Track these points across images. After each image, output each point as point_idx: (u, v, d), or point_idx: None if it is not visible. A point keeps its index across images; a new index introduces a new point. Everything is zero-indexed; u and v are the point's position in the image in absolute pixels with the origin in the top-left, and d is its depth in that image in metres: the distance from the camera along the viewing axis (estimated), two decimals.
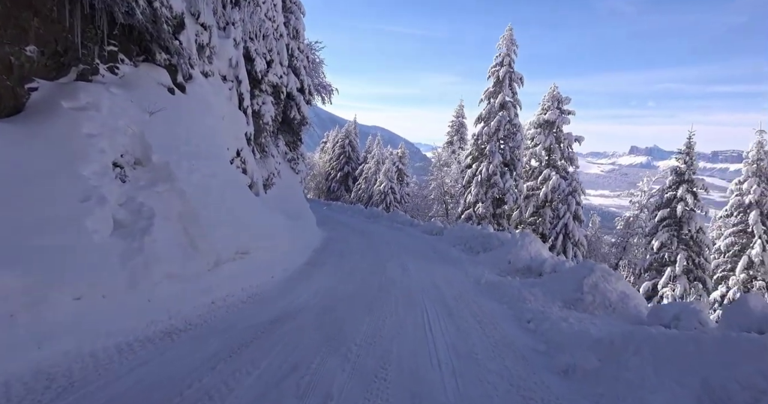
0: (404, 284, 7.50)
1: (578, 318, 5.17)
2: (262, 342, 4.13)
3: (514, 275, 8.59)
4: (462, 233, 13.42)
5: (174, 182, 5.53)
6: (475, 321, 5.33)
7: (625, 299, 5.71)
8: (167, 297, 4.60)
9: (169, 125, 6.27)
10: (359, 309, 5.57)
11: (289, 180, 15.12)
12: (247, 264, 6.61)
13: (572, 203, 19.93)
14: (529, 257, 9.04)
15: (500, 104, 21.40)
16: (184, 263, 5.09)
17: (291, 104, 15.60)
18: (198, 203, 5.77)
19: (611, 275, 5.96)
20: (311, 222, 15.22)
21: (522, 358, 4.09)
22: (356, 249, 11.87)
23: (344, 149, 53.46)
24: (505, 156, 21.63)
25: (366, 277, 7.88)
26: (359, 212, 28.14)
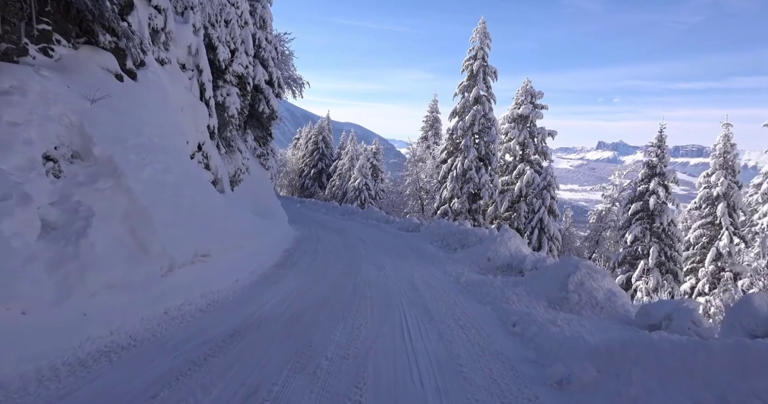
0: (381, 285, 7.06)
1: (566, 320, 4.85)
2: (219, 359, 3.60)
3: (494, 274, 8.27)
4: (439, 230, 13.08)
5: (120, 177, 4.90)
6: (457, 325, 4.93)
7: (612, 297, 5.43)
8: (109, 309, 4.00)
9: (115, 115, 5.60)
10: (332, 316, 5.09)
11: (259, 177, 14.43)
12: (208, 268, 6.03)
13: (547, 198, 19.94)
14: (509, 254, 8.74)
15: (474, 98, 21.18)
16: (131, 269, 4.49)
17: (259, 97, 14.89)
18: (149, 201, 5.15)
19: (597, 272, 5.68)
20: (283, 220, 14.60)
21: (511, 369, 3.71)
22: (330, 248, 11.37)
23: (317, 145, 52.62)
24: (480, 151, 21.46)
25: (340, 278, 7.40)
26: (333, 209, 27.55)
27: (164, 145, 6.51)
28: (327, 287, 6.67)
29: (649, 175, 17.34)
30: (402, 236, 14.54)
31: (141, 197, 5.03)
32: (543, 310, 5.36)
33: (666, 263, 16.23)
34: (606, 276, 5.71)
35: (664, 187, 16.62)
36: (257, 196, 13.54)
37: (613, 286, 5.72)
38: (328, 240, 13.13)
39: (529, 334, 4.40)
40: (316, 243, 12.17)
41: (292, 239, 12.73)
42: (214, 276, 6.02)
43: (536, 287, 5.96)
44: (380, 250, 11.46)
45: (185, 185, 6.50)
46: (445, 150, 22.52)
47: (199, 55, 8.80)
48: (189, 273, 5.48)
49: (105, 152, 4.92)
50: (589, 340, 3.57)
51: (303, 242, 12.10)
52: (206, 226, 6.54)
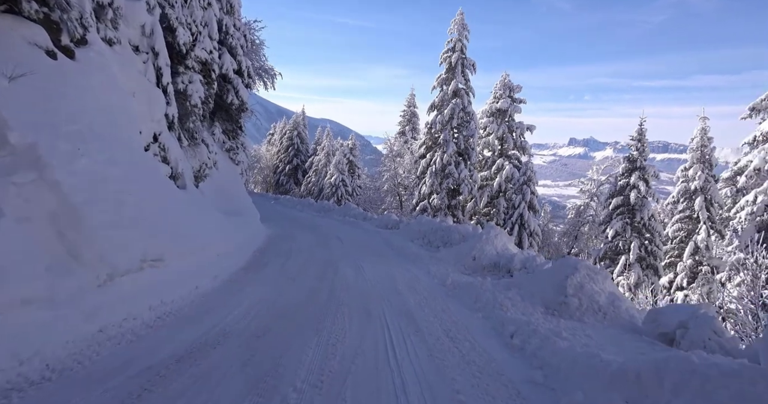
0: (359, 289, 6.40)
1: (569, 329, 4.31)
2: (157, 396, 2.88)
3: (481, 274, 7.72)
4: (420, 227, 12.49)
5: (45, 169, 4.07)
6: (447, 338, 4.32)
7: (615, 301, 4.93)
8: (20, 333, 3.20)
9: (43, 97, 4.73)
10: (303, 330, 4.40)
11: (228, 172, 13.52)
12: (161, 274, 5.23)
13: (527, 193, 19.64)
14: (496, 253, 8.21)
15: (453, 91, 20.66)
16: (56, 280, 3.69)
17: (228, 88, 13.94)
18: (83, 199, 4.34)
19: (597, 273, 5.17)
20: (254, 218, 13.76)
21: (517, 396, 3.11)
22: (304, 248, 10.63)
23: (293, 140, 51.43)
24: (460, 145, 20.99)
25: (314, 283, 6.70)
26: (309, 205, 26.70)
27: (109, 134, 5.65)
28: (300, 293, 5.97)
29: (629, 169, 17.21)
30: (381, 234, 13.91)
31: (72, 194, 4.21)
32: (541, 317, 4.81)
33: (646, 258, 16.15)
34: (607, 278, 5.21)
35: (644, 181, 16.52)
36: (226, 192, 12.65)
37: (615, 289, 5.23)
38: (303, 239, 12.39)
39: (532, 348, 3.82)
40: (290, 242, 11.42)
41: (265, 238, 11.94)
42: (169, 284, 5.24)
43: (531, 290, 5.42)
44: (358, 249, 10.80)
45: (134, 179, 5.67)
46: (424, 145, 21.97)
47: (155, 36, 7.89)
48: (135, 282, 4.69)
49: (25, 139, 4.08)
50: (608, 359, 3.01)
51: (276, 242, 11.33)
52: (160, 226, 5.73)
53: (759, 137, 13.80)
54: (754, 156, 13.67)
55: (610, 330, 4.48)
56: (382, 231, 14.57)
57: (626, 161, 17.45)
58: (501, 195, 23.98)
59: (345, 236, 13.22)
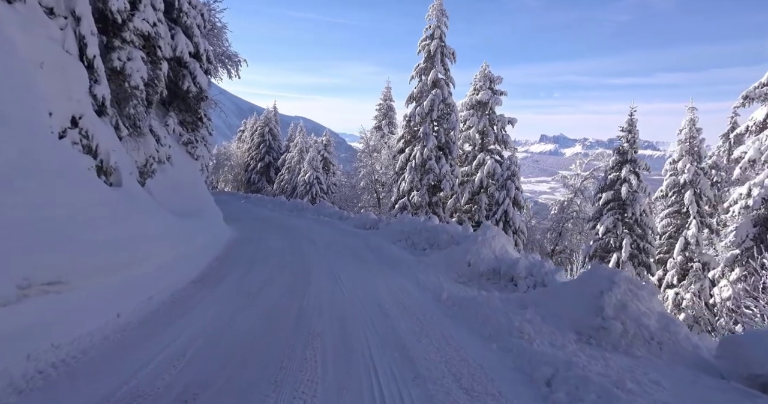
0: (337, 309, 5.10)
1: (625, 369, 3.15)
2: None
3: (480, 283, 6.54)
4: (402, 227, 11.25)
5: None
6: (461, 390, 3.07)
7: (669, 326, 3.79)
8: None
9: None
10: (257, 383, 3.08)
11: (185, 168, 11.94)
12: (60, 303, 3.80)
13: (511, 189, 18.71)
14: (494, 257, 7.04)
15: (433, 81, 19.50)
16: None
17: (183, 73, 12.34)
18: None
19: (641, 289, 4.01)
20: (216, 220, 12.25)
21: None
22: (272, 253, 9.25)
23: (264, 137, 49.49)
24: (440, 139, 19.87)
25: (280, 301, 5.36)
26: (281, 204, 25.15)
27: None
28: (260, 319, 4.63)
29: (619, 162, 16.43)
30: (359, 235, 12.61)
31: None
32: (576, 348, 3.63)
33: (638, 255, 15.44)
34: (654, 295, 4.06)
35: (635, 174, 15.77)
36: (182, 191, 11.10)
37: (664, 309, 4.13)
38: (272, 242, 10.99)
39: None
40: (257, 247, 10.01)
41: (227, 242, 10.49)
42: (73, 316, 3.82)
43: (553, 309, 4.25)
44: (334, 254, 9.47)
45: (27, 174, 4.19)
46: (402, 139, 20.75)
47: None
48: (10, 318, 3.26)
49: None
50: None
51: (240, 246, 9.90)
52: (65, 236, 4.27)
53: (752, 128, 13.16)
54: (748, 147, 13.01)
55: (676, 370, 3.35)
56: (360, 232, 13.26)
57: (616, 153, 16.67)
58: (483, 191, 23.04)
59: (319, 238, 11.86)
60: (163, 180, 10.35)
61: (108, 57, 7.41)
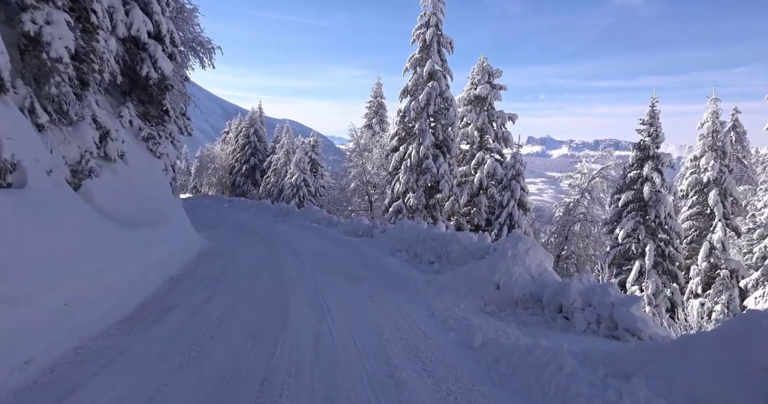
0: (323, 367, 3.37)
1: None
2: None
3: (518, 316, 4.87)
4: (401, 234, 9.55)
5: None
6: None
7: None
8: None
9: None
10: None
11: (144, 168, 10.09)
12: None
13: (517, 189, 17.11)
14: (531, 278, 5.37)
15: (429, 72, 17.85)
16: None
17: (141, 56, 10.52)
18: None
19: None
20: (183, 228, 10.43)
21: None
22: (245, 270, 7.48)
23: (249, 138, 47.51)
24: (437, 136, 18.22)
25: (239, 356, 3.61)
26: (265, 208, 23.31)
27: None
28: (209, 379, 2.88)
29: (640, 159, 14.85)
30: (351, 244, 10.86)
31: None
32: None
33: (663, 263, 13.89)
34: None
35: (658, 172, 14.20)
36: (138, 194, 9.26)
37: None
38: (247, 255, 9.23)
39: None
40: (228, 261, 8.23)
41: (193, 256, 8.72)
42: None
43: (678, 380, 2.59)
44: (322, 270, 7.72)
45: None
46: (396, 136, 19.05)
47: None
48: None
49: None
50: None
51: (207, 262, 8.12)
52: None
53: None
54: None
55: None
56: (351, 240, 11.51)
57: (636, 149, 15.10)
58: (482, 193, 21.47)
59: (304, 249, 10.10)
60: (112, 182, 8.50)
61: (18, 18, 5.60)
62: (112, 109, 10.07)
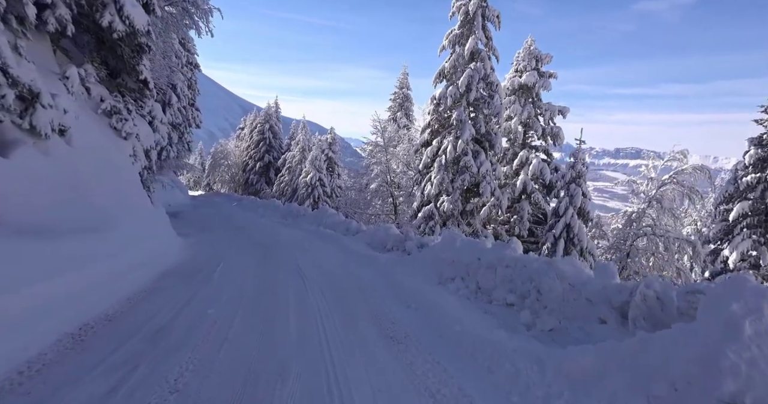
0: None
1: None
2: None
3: None
4: (453, 255, 6.58)
5: None
6: None
7: None
8: None
9: None
10: None
11: (97, 150, 7.36)
12: None
13: (577, 195, 13.99)
14: None
15: (471, 52, 14.87)
16: None
17: (102, 1, 7.81)
18: None
19: None
20: (148, 234, 7.67)
21: None
22: (218, 308, 4.61)
23: (264, 135, 45.15)
24: (479, 128, 15.20)
25: None
26: (274, 209, 20.62)
27: None
28: None
29: (761, 159, 11.56)
30: (377, 264, 7.91)
31: None
32: None
33: None
34: None
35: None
36: (78, 186, 6.50)
37: None
38: (232, 276, 6.40)
39: None
40: (196, 290, 5.39)
41: (150, 276, 5.91)
42: None
43: None
44: (337, 310, 4.81)
45: None
46: (429, 128, 16.08)
47: None
48: None
49: None
50: None
51: (165, 290, 5.29)
52: None
53: None
54: None
55: None
56: (378, 257, 8.57)
57: (754, 146, 11.79)
58: (524, 198, 18.36)
59: (314, 268, 7.23)
60: (34, 166, 5.76)
61: None
62: (57, 68, 7.36)
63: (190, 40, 30.14)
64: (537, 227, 19.19)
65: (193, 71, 30.06)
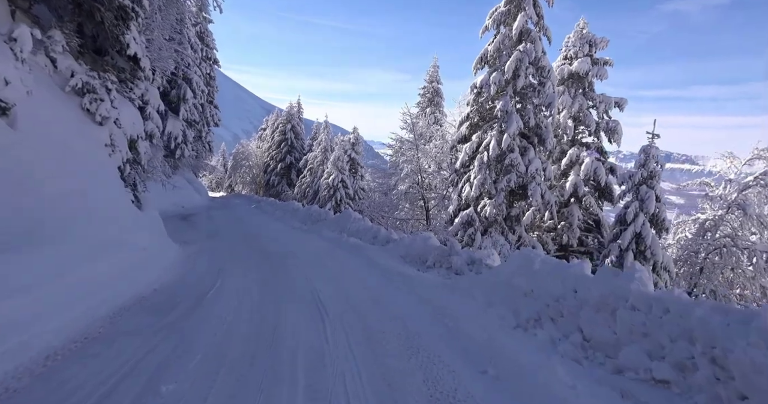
0: None
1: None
2: None
3: None
4: (536, 283, 4.56)
5: None
6: None
7: None
8: None
9: None
10: None
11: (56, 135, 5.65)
12: None
13: (650, 199, 11.69)
14: None
15: (519, 32, 12.76)
16: None
17: None
18: None
19: None
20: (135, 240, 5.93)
21: None
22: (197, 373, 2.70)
23: (286, 135, 43.81)
24: (527, 120, 13.07)
25: None
26: (293, 212, 18.91)
27: None
28: None
29: None
30: (420, 289, 5.91)
31: None
32: None
33: None
34: None
35: None
36: (24, 183, 4.75)
37: None
38: (228, 307, 4.44)
39: None
40: (171, 334, 3.44)
41: (108, 311, 4.03)
42: None
43: None
44: (374, 378, 2.86)
45: None
46: (468, 121, 14.02)
47: None
48: None
49: None
50: None
51: (130, 329, 3.40)
52: None
53: None
54: None
55: None
56: (421, 279, 6.56)
57: None
58: (574, 202, 16.10)
59: (336, 299, 5.28)
60: None
61: None
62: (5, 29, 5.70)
63: (209, 34, 28.96)
64: (587, 235, 16.92)
65: (212, 67, 28.80)
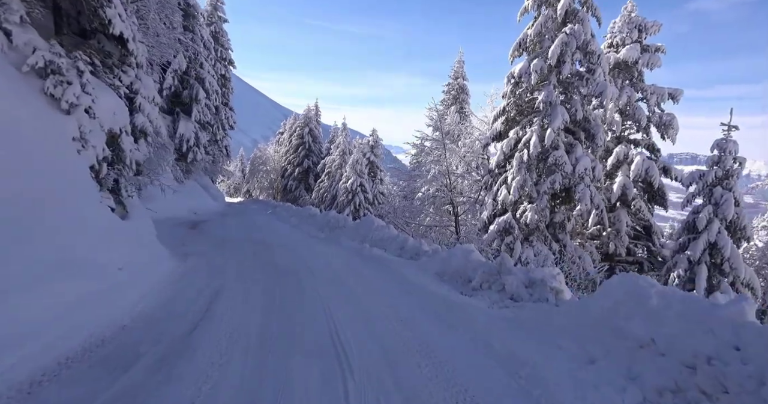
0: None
1: None
2: None
3: None
4: (659, 327, 3.03)
5: None
6: None
7: None
8: None
9: None
10: None
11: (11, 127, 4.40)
12: None
13: (727, 203, 9.93)
14: None
15: (565, 11, 11.20)
16: None
17: None
18: None
19: None
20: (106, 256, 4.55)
21: None
22: None
23: (303, 139, 42.84)
24: (574, 113, 11.46)
25: None
26: (309, 218, 17.59)
27: None
28: None
29: None
30: (473, 325, 4.41)
31: None
32: None
33: None
34: None
35: None
36: None
37: None
38: (212, 356, 3.00)
39: None
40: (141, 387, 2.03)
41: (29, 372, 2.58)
42: None
43: None
44: None
45: None
46: (503, 115, 12.46)
47: None
48: None
49: None
50: None
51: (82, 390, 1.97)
52: None
53: None
54: None
55: None
56: (468, 308, 5.05)
57: None
58: (622, 206, 14.36)
59: (361, 339, 3.81)
60: None
61: None
62: None
63: (224, 34, 28.13)
64: (636, 243, 15.12)
65: (227, 68, 27.92)
